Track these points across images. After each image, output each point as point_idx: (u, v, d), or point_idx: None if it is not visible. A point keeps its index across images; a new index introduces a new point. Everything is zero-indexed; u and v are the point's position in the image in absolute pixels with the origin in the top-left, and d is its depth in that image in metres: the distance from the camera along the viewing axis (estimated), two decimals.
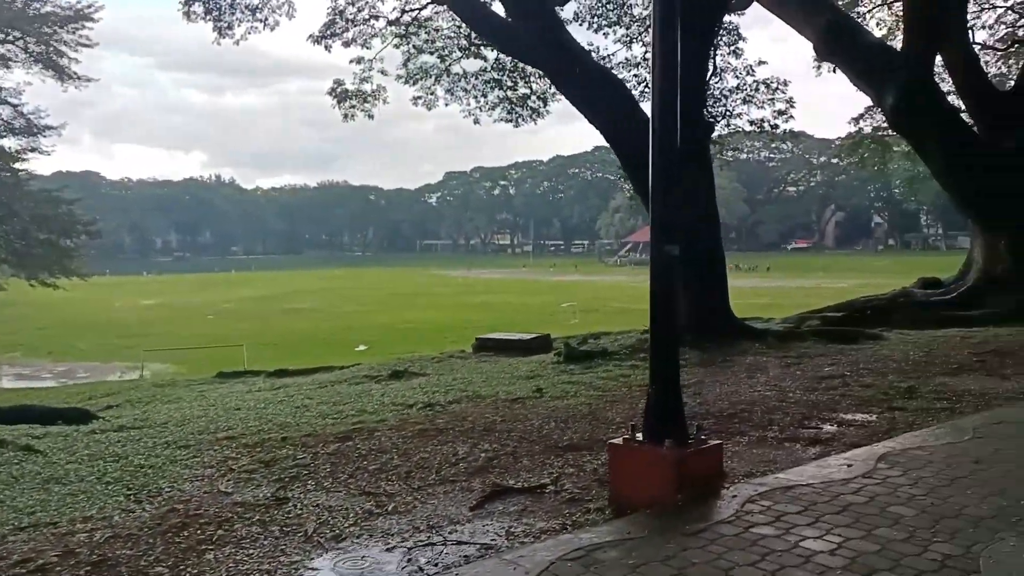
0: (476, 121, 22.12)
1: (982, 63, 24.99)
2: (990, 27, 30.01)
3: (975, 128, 18.11)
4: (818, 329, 12.01)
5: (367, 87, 20.03)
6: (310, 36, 18.60)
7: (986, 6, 29.79)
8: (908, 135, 17.60)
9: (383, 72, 20.24)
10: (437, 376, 11.06)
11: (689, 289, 11.76)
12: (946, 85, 20.25)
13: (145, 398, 14.39)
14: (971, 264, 17.68)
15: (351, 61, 19.53)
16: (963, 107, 18.98)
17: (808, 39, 18.18)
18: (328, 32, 18.42)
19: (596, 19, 20.32)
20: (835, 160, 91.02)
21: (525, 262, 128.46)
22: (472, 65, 20.56)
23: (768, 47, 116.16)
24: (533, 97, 20.89)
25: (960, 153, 16.78)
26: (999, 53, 27.06)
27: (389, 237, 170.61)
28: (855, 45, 17.51)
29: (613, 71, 20.41)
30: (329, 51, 18.83)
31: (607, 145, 26.43)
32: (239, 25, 17.54)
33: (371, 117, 20.84)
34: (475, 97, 21.17)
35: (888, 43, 19.42)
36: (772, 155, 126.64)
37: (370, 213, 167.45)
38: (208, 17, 17.20)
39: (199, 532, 4.39)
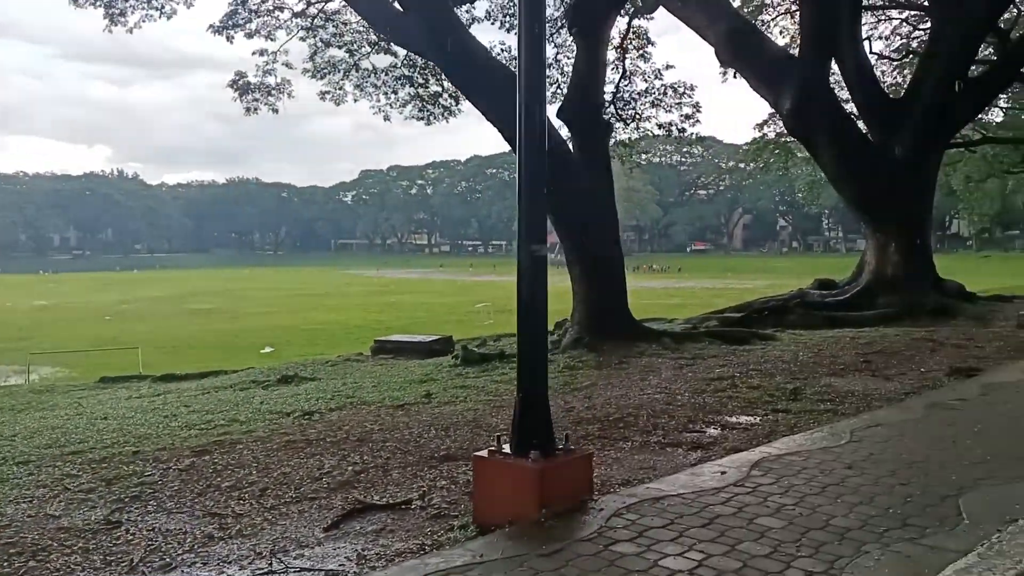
0: (387, 118, 21.62)
1: (879, 72, 25.94)
2: (886, 38, 31.24)
3: (868, 134, 18.70)
4: (713, 330, 12.05)
5: (271, 80, 19.28)
6: (211, 26, 17.78)
7: (882, 17, 31.01)
8: (804, 139, 18.02)
9: (288, 65, 19.51)
10: (328, 381, 10.60)
11: (587, 290, 11.63)
12: (844, 93, 20.89)
13: (18, 406, 13.37)
14: (864, 266, 18.21)
15: (254, 53, 18.77)
16: (857, 113, 19.61)
17: (711, 44, 18.41)
18: (230, 22, 17.63)
19: (508, 18, 20.14)
20: (742, 165, 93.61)
21: (442, 262, 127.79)
22: (382, 61, 20.02)
23: (680, 54, 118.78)
24: (445, 95, 20.52)
25: (852, 158, 17.25)
26: (895, 63, 28.18)
27: (302, 236, 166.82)
28: (754, 51, 17.81)
29: None
30: (231, 42, 18.07)
31: None
32: (132, 12, 16.58)
33: (275, 111, 20.10)
34: (385, 94, 20.65)
35: (789, 50, 19.82)
36: (683, 159, 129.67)
37: (282, 211, 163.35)
38: (98, 3, 16.20)
39: (5, 565, 3.89)
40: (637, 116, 25.53)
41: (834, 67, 20.06)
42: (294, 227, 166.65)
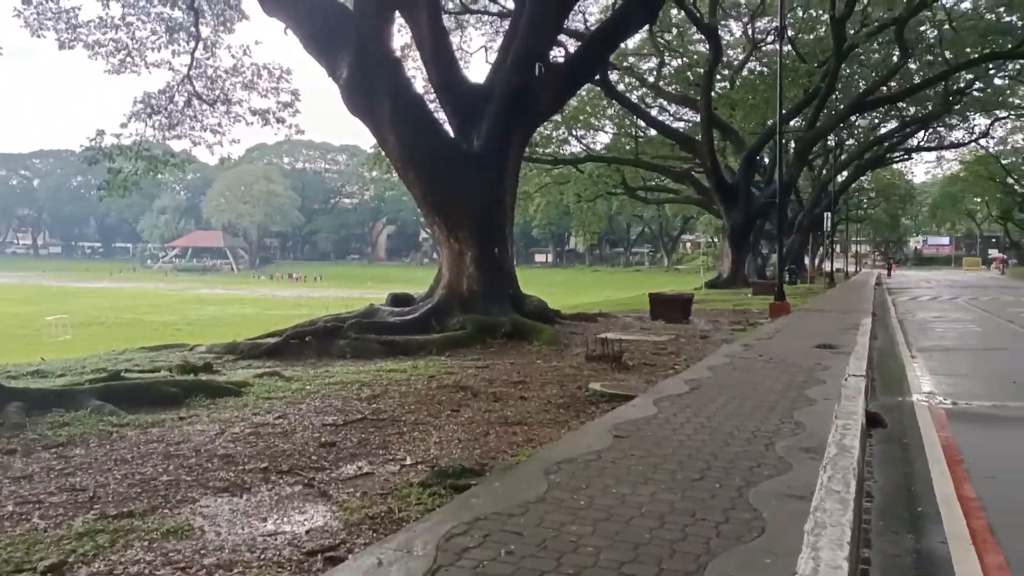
0: None
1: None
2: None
3: (447, 123, 15.65)
4: (114, 387, 7.12)
5: None
6: None
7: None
8: (367, 120, 14.30)
9: None
10: None
11: None
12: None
13: None
14: (440, 279, 15.04)
15: None
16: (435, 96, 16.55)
17: None
18: None
19: None
20: (387, 176, 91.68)
21: (45, 267, 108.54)
22: None
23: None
24: None
25: (420, 146, 13.96)
26: None
27: None
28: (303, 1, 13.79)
29: None
30: None
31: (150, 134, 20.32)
32: None
33: None
34: None
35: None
36: (329, 166, 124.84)
37: None
38: None
39: None
40: (226, 98, 21.13)
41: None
42: None
